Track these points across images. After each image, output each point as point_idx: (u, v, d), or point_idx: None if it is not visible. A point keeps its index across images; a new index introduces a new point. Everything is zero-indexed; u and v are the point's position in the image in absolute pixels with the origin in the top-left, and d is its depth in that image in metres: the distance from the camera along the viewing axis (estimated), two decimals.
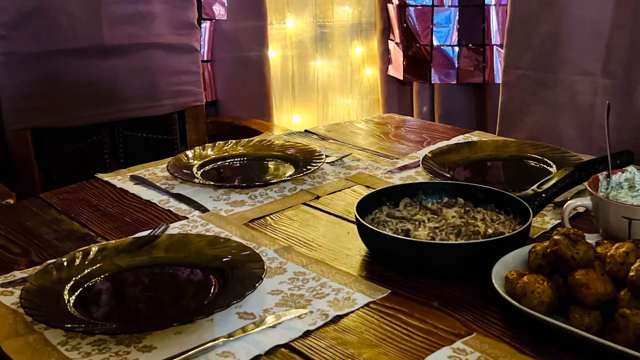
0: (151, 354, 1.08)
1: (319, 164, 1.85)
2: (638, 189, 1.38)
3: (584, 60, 2.32)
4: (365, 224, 1.34)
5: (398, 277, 1.29)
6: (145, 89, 2.66)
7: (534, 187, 1.50)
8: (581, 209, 1.48)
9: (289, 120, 3.53)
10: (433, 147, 2.01)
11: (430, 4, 3.37)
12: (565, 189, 1.54)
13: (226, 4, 3.02)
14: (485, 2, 3.34)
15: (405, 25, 3.41)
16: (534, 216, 1.37)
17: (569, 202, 1.39)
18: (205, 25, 3.00)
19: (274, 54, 3.40)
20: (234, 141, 2.06)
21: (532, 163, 1.90)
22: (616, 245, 1.14)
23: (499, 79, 3.12)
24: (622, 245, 1.14)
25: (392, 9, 3.48)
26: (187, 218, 1.59)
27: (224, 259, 1.32)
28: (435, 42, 3.39)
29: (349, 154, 2.00)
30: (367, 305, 1.21)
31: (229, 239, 1.41)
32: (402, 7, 3.40)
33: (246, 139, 2.08)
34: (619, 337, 1.03)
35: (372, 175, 1.84)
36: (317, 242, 1.46)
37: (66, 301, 1.21)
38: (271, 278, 1.29)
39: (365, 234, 1.36)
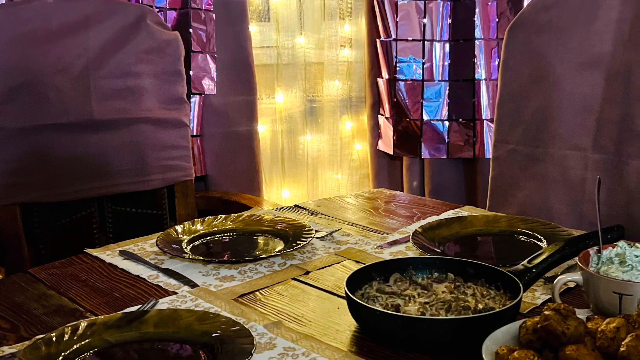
0: None
1: (309, 239, 1.86)
2: (629, 264, 1.39)
3: (574, 135, 2.34)
4: (355, 299, 1.35)
5: (388, 353, 1.30)
6: (135, 163, 2.68)
7: (525, 262, 1.51)
8: (572, 284, 1.49)
9: (278, 195, 3.55)
10: (423, 222, 2.02)
11: (421, 78, 3.41)
12: (555, 264, 1.55)
13: (216, 79, 3.06)
14: (476, 76, 3.39)
15: (395, 99, 3.45)
16: (524, 291, 1.39)
17: (559, 277, 1.40)
18: (195, 99, 3.04)
19: (264, 128, 3.43)
20: (223, 216, 2.07)
21: (523, 238, 1.92)
22: (607, 321, 1.16)
23: (489, 153, 3.15)
24: (613, 320, 1.15)
25: (382, 83, 3.52)
26: (176, 293, 1.59)
27: (214, 335, 1.33)
28: (425, 117, 3.43)
29: (339, 229, 2.01)
30: None
31: (218, 314, 1.42)
32: (392, 82, 3.44)
33: (236, 214, 2.09)
34: None
35: (362, 251, 1.86)
36: (307, 317, 1.47)
37: None
38: (260, 354, 1.30)
39: (355, 309, 1.37)
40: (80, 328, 1.35)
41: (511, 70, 2.50)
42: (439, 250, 1.81)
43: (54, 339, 1.31)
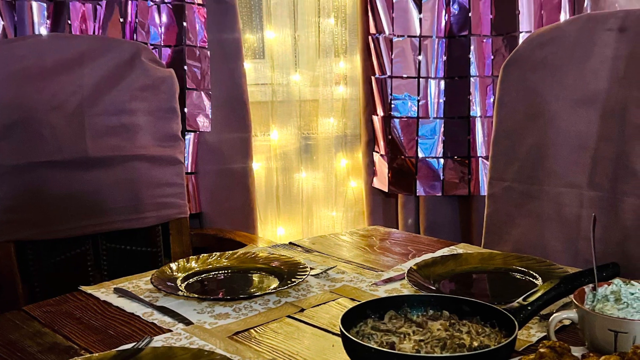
0: None
1: (304, 277, 1.87)
2: (624, 302, 1.40)
3: (569, 173, 2.35)
4: (350, 337, 1.35)
5: None
6: (129, 201, 2.69)
7: (520, 299, 1.52)
8: (567, 322, 1.50)
9: (273, 232, 3.55)
10: (418, 260, 2.03)
11: (416, 115, 3.43)
12: (551, 301, 1.56)
13: (210, 116, 3.08)
14: (471, 114, 3.41)
15: (390, 137, 3.47)
16: (519, 329, 1.39)
17: (554, 314, 1.41)
18: (189, 137, 3.05)
19: (259, 165, 3.44)
20: (218, 253, 2.08)
21: (518, 275, 1.92)
22: (602, 358, 1.16)
23: (484, 191, 3.17)
24: (608, 358, 1.16)
25: (377, 120, 3.54)
26: (170, 331, 1.60)
27: None
28: (420, 154, 3.44)
29: (334, 267, 2.02)
30: None
31: (213, 351, 1.42)
32: (387, 119, 3.46)
33: (230, 252, 2.10)
34: None
35: (357, 288, 1.86)
36: (302, 355, 1.47)
37: None
38: None
39: (350, 347, 1.37)
40: None
41: (506, 107, 2.51)
42: (434, 288, 1.81)
43: None
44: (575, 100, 2.35)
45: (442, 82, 3.45)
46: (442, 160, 3.46)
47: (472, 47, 3.41)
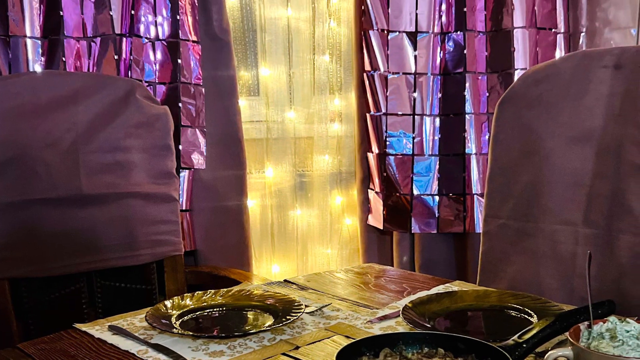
0: None
1: (299, 314, 1.88)
2: (620, 340, 1.40)
3: (564, 210, 2.36)
4: None
5: None
6: (124, 238, 2.70)
7: (515, 337, 1.52)
8: (563, 359, 1.51)
9: (268, 269, 3.56)
10: (413, 297, 2.04)
11: (411, 153, 3.45)
12: (546, 339, 1.57)
13: (205, 153, 3.09)
14: (466, 151, 3.43)
15: (385, 174, 3.48)
16: None
17: (550, 352, 1.42)
18: (184, 174, 3.07)
19: (253, 203, 3.45)
20: (212, 291, 2.08)
21: (513, 313, 1.93)
22: None
23: (479, 228, 3.17)
24: None
25: (372, 157, 3.55)
26: None
27: None
28: (415, 192, 3.46)
29: (329, 304, 2.03)
30: None
31: None
32: (382, 156, 3.48)
33: (225, 289, 2.11)
34: None
35: (352, 326, 1.87)
36: None
37: None
38: None
39: None
40: None
41: (501, 144, 2.52)
42: (429, 325, 1.82)
43: None
44: (570, 137, 2.36)
45: (437, 120, 3.48)
46: (437, 198, 3.47)
47: (467, 85, 3.43)
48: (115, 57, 2.89)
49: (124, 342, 1.78)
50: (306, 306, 1.97)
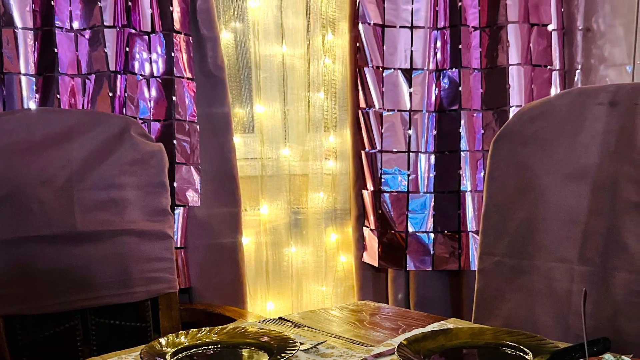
0: None
1: (293, 352, 1.88)
2: None
3: (560, 247, 2.37)
4: None
5: None
6: (118, 275, 2.71)
7: None
8: None
9: (263, 307, 3.56)
10: (408, 335, 2.05)
11: (406, 190, 3.47)
12: None
13: (200, 191, 3.11)
14: (461, 188, 3.44)
15: (380, 211, 3.50)
16: None
17: None
18: (179, 211, 3.08)
19: (248, 240, 3.46)
20: (207, 328, 2.09)
21: (508, 351, 1.94)
22: None
23: (474, 265, 3.19)
24: None
25: (366, 195, 3.57)
26: None
27: None
28: (410, 229, 3.47)
29: (324, 342, 2.04)
30: None
31: None
32: (377, 194, 3.50)
33: (220, 327, 2.11)
34: None
35: None
36: None
37: None
38: None
39: None
40: None
41: (497, 181, 2.54)
42: None
43: None
44: (566, 174, 2.37)
45: (433, 157, 3.50)
46: (432, 235, 3.48)
47: (462, 122, 3.46)
48: (110, 94, 2.91)
49: None
50: (301, 344, 1.98)
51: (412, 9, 3.46)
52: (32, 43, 2.81)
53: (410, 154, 3.48)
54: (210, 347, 2.01)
